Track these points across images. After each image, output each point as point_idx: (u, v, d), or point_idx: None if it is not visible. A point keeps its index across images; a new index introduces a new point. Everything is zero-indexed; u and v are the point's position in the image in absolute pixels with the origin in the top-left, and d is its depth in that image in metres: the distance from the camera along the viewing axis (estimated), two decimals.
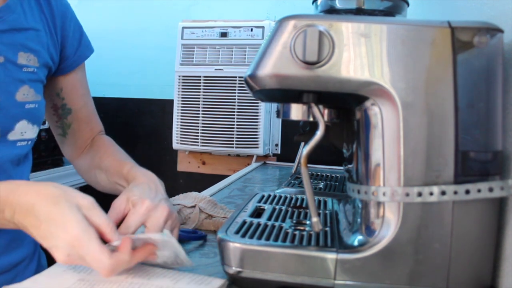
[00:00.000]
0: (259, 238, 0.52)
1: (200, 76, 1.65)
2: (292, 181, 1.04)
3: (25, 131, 0.76)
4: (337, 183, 1.05)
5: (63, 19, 0.83)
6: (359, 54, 0.47)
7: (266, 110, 1.62)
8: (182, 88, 1.67)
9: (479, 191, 0.46)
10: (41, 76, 0.79)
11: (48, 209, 0.51)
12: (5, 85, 0.72)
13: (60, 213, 0.50)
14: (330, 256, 0.48)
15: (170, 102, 1.75)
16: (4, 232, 0.74)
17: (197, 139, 1.65)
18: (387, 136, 0.47)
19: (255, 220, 0.59)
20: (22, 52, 0.75)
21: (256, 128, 1.61)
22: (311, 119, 0.53)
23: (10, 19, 0.74)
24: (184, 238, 0.68)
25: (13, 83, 0.73)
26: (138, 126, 1.97)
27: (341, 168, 1.30)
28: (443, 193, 0.46)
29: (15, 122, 0.74)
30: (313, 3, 0.68)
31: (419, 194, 0.46)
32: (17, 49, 0.74)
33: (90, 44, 0.91)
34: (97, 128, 0.91)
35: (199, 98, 1.65)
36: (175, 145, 1.70)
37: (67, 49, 0.84)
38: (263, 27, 1.60)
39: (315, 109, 0.49)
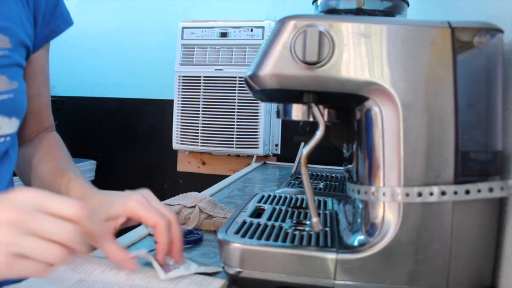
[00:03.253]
0: (259, 238, 0.52)
1: (200, 76, 1.65)
2: (292, 181, 1.04)
3: (0, 127, 0.64)
4: (337, 183, 1.05)
5: None
6: (359, 54, 0.47)
7: (266, 110, 1.62)
8: (182, 88, 1.67)
9: (479, 191, 0.46)
10: (17, 59, 0.65)
11: None
12: None
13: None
14: (330, 256, 0.48)
15: (170, 102, 1.75)
16: None
17: (197, 139, 1.65)
18: (387, 136, 0.47)
19: (255, 220, 0.59)
20: None
21: (256, 128, 1.61)
22: (311, 119, 0.53)
23: None
24: None
25: None
26: (138, 126, 1.97)
27: (341, 168, 1.30)
28: (443, 193, 0.46)
29: None
30: (313, 3, 0.68)
31: (419, 194, 0.46)
32: None
33: (68, 16, 0.75)
34: (46, 124, 0.78)
35: (199, 98, 1.65)
36: (175, 145, 1.70)
37: (38, 22, 0.69)
38: (263, 27, 1.60)
39: (315, 109, 0.49)
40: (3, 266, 0.38)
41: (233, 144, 1.62)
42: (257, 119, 1.60)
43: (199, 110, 1.65)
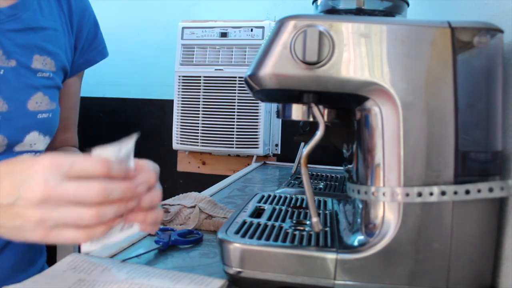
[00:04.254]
0: (259, 238, 0.52)
1: (200, 76, 1.65)
2: (292, 181, 1.04)
3: (34, 143, 0.68)
4: (337, 183, 1.05)
5: (80, 17, 0.74)
6: (359, 54, 0.47)
7: (266, 110, 1.62)
8: (182, 88, 1.67)
9: (479, 191, 0.46)
10: (58, 82, 0.70)
11: (4, 164, 0.41)
12: (16, 92, 0.64)
13: (23, 159, 0.40)
14: (330, 256, 0.48)
15: (170, 102, 1.75)
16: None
17: (197, 139, 1.65)
18: (387, 136, 0.47)
19: (255, 220, 0.59)
20: (37, 55, 0.67)
21: (256, 128, 1.61)
22: (311, 119, 0.53)
23: (24, 17, 0.65)
24: (180, 242, 0.68)
25: (25, 90, 0.65)
26: (138, 126, 1.97)
27: (341, 168, 1.30)
28: (443, 193, 0.46)
29: (25, 134, 0.66)
30: (313, 3, 0.68)
31: (419, 194, 0.46)
32: (32, 51, 0.66)
33: (104, 48, 0.81)
34: (70, 142, 0.81)
35: (199, 98, 1.65)
36: (175, 145, 1.70)
37: (77, 50, 0.75)
38: (263, 27, 1.60)
39: (315, 109, 0.49)
40: (40, 238, 0.38)
41: (233, 144, 1.62)
42: (257, 119, 1.60)
43: (199, 110, 1.65)
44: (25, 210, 0.37)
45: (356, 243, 0.50)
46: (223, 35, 1.63)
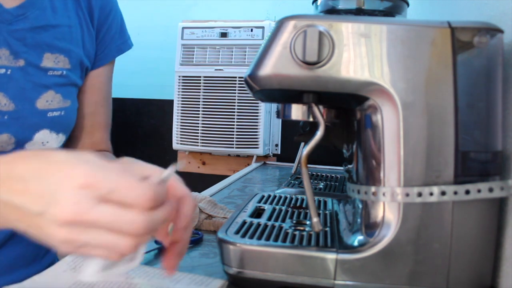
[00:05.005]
0: (259, 238, 0.52)
1: (200, 76, 1.65)
2: (292, 181, 1.04)
3: (47, 141, 0.67)
4: (337, 183, 1.05)
5: (101, 9, 0.74)
6: (359, 54, 0.47)
7: (266, 110, 1.62)
8: (182, 88, 1.67)
9: (479, 191, 0.46)
10: (74, 79, 0.70)
11: (37, 162, 0.35)
12: (24, 92, 0.64)
13: (57, 160, 0.35)
14: (330, 256, 0.48)
15: (170, 102, 1.75)
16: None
17: (197, 139, 1.65)
18: (387, 136, 0.47)
19: (255, 220, 0.59)
20: (48, 54, 0.67)
21: (256, 128, 1.61)
22: (311, 119, 0.53)
23: (33, 16, 0.65)
24: None
25: (34, 89, 0.65)
26: (138, 126, 1.97)
27: (341, 168, 1.30)
28: (443, 193, 0.46)
29: (34, 132, 0.66)
30: (313, 3, 0.68)
31: (419, 194, 0.46)
32: (42, 50, 0.66)
33: (128, 39, 0.81)
34: (101, 146, 0.79)
35: (199, 98, 1.65)
36: (175, 145, 1.70)
37: (99, 42, 0.75)
38: (263, 27, 1.60)
39: (315, 109, 0.49)
40: (66, 251, 0.35)
41: (233, 144, 1.62)
42: (257, 119, 1.60)
43: (199, 110, 1.65)
44: (51, 227, 0.33)
45: (356, 243, 0.50)
46: (223, 35, 1.63)
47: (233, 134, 1.61)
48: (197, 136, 1.65)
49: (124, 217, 0.33)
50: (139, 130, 1.96)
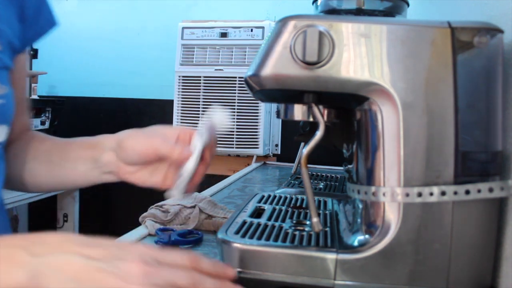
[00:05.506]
0: (259, 238, 0.52)
1: (200, 76, 1.65)
2: (292, 181, 1.04)
3: None
4: (337, 183, 1.05)
5: None
6: (359, 54, 0.47)
7: (266, 110, 1.62)
8: (182, 88, 1.67)
9: (479, 191, 0.46)
10: (6, 61, 0.60)
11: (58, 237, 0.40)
12: None
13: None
14: (330, 256, 0.48)
15: (170, 102, 1.75)
16: None
17: None
18: (387, 136, 0.47)
19: (255, 220, 0.59)
20: None
21: (256, 128, 1.61)
22: (311, 119, 0.53)
23: None
24: (180, 242, 0.67)
25: None
26: (138, 126, 1.95)
27: (341, 168, 1.30)
28: (443, 193, 0.46)
29: None
30: (313, 3, 0.68)
31: (419, 195, 0.46)
32: None
33: (51, 16, 0.68)
34: (26, 126, 0.71)
35: (199, 98, 1.65)
36: None
37: (25, 21, 0.63)
38: (263, 27, 1.60)
39: (315, 109, 0.49)
40: None
41: (233, 144, 1.62)
42: (257, 119, 1.60)
43: (199, 110, 1.65)
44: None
45: (356, 243, 0.50)
46: (223, 35, 1.63)
47: (233, 134, 1.61)
48: None
49: (177, 273, 0.41)
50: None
